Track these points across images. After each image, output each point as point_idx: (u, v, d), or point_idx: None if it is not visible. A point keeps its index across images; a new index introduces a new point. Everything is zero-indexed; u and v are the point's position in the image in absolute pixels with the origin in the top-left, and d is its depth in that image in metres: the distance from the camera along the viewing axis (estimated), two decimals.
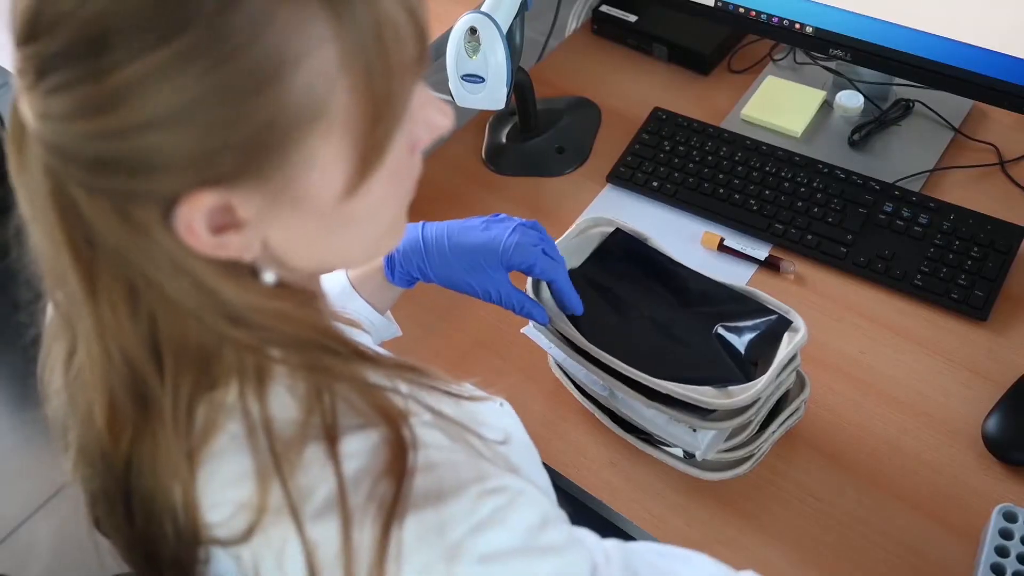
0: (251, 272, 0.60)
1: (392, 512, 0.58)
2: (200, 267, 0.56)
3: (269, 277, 0.61)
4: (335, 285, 0.98)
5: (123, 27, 0.49)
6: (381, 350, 0.81)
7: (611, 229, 1.07)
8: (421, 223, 0.99)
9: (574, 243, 1.08)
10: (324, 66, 0.52)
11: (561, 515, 0.67)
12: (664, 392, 0.92)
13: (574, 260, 1.07)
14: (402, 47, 0.55)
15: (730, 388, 0.92)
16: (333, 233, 0.61)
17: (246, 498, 0.60)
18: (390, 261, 0.97)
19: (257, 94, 0.51)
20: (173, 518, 0.62)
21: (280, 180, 0.55)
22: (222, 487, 0.61)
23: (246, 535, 0.60)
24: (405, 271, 0.98)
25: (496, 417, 0.76)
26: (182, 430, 0.60)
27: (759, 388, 0.90)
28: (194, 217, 0.54)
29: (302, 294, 0.63)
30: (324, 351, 0.62)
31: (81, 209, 0.54)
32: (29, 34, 0.51)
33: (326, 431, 0.60)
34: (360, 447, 0.60)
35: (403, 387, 0.66)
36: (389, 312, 1.03)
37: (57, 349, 0.65)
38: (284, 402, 0.61)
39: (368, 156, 0.57)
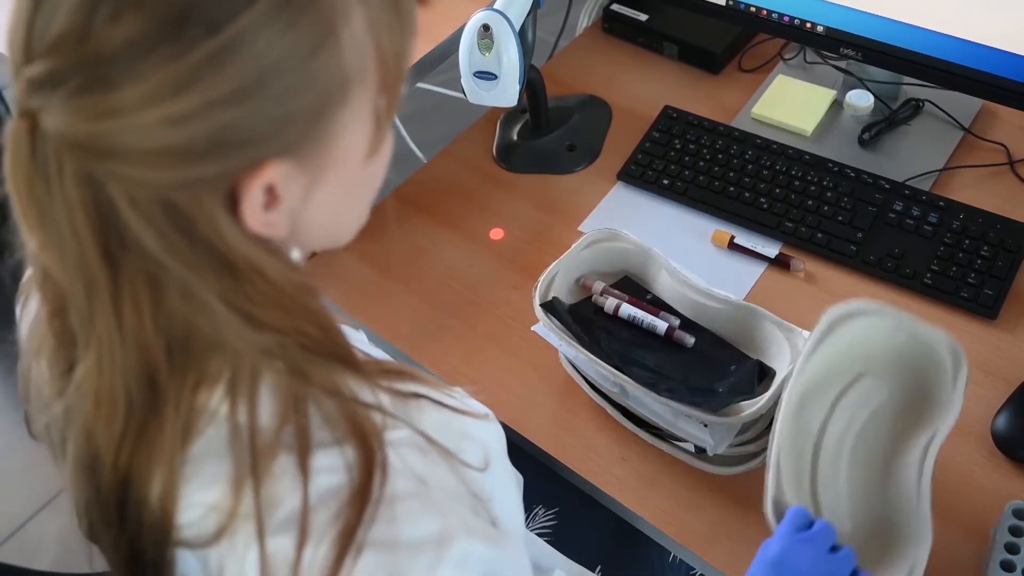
0: (281, 253, 0.61)
1: (349, 541, 0.58)
2: (249, 248, 0.56)
3: (296, 255, 0.62)
4: None
5: (193, 7, 0.49)
6: (373, 350, 0.81)
7: (618, 244, 1.09)
8: None
9: (583, 255, 1.09)
10: (359, 29, 0.55)
11: None
12: (665, 407, 0.96)
13: (585, 271, 1.09)
14: (410, 5, 0.60)
15: (729, 407, 0.95)
16: (349, 201, 0.64)
17: (217, 501, 0.61)
18: None
19: (315, 59, 0.53)
20: (150, 515, 0.62)
21: (325, 147, 0.58)
22: (196, 489, 0.62)
23: (214, 538, 0.61)
24: None
25: (481, 431, 0.75)
26: (179, 429, 0.60)
27: (760, 406, 0.93)
28: (256, 193, 0.55)
29: (312, 279, 0.64)
30: (321, 352, 0.62)
31: (120, 213, 0.53)
32: (80, 35, 0.49)
33: (299, 442, 0.60)
34: (332, 463, 0.60)
35: (385, 399, 0.65)
36: None
37: (48, 365, 0.65)
38: (265, 409, 0.61)
39: (387, 115, 0.61)
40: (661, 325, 1.03)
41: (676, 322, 1.04)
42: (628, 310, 1.05)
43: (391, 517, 0.60)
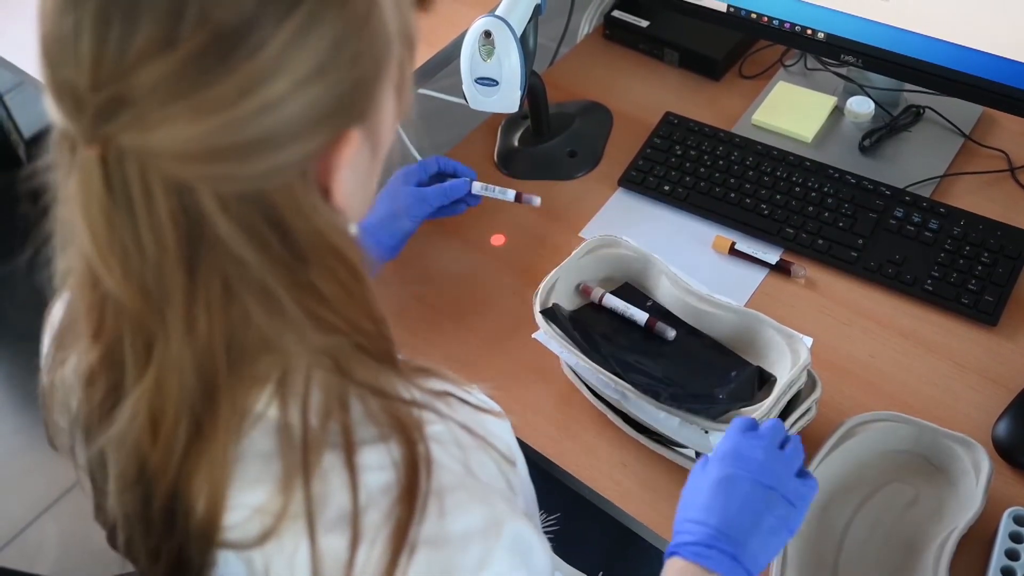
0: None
1: (403, 539, 0.59)
2: (334, 228, 0.58)
3: (355, 230, 0.63)
4: None
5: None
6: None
7: (619, 250, 1.09)
8: None
9: (583, 262, 1.09)
10: None
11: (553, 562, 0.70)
12: (666, 414, 0.96)
13: (585, 278, 1.09)
14: None
15: (730, 413, 0.95)
16: (374, 170, 0.65)
17: (262, 502, 0.61)
18: None
19: (371, 17, 0.56)
20: (197, 522, 0.62)
21: (379, 106, 0.60)
22: (240, 490, 0.62)
23: (260, 539, 0.61)
24: None
25: (500, 428, 0.76)
26: (233, 430, 0.60)
27: (760, 413, 0.93)
28: (342, 166, 0.57)
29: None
30: (373, 351, 0.62)
31: (208, 218, 0.53)
32: (164, 42, 0.49)
33: (345, 440, 0.61)
34: (379, 461, 0.61)
35: (418, 395, 0.66)
36: None
37: (87, 397, 0.63)
38: (311, 407, 0.61)
39: (406, 82, 0.63)
40: (641, 316, 1.04)
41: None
42: (611, 301, 1.06)
43: (440, 511, 0.61)
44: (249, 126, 0.52)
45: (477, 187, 1.23)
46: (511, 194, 1.24)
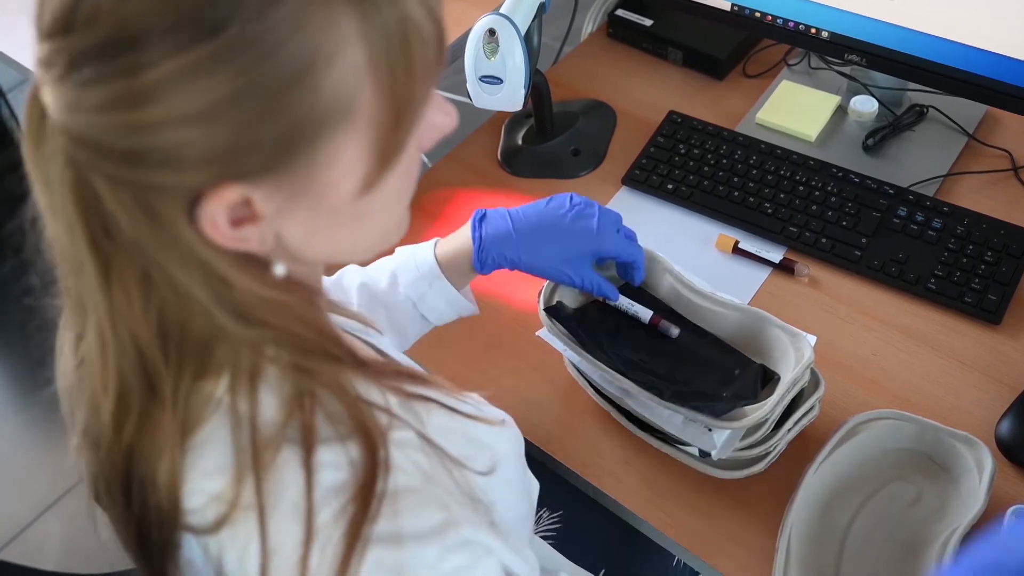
0: (262, 265, 0.61)
1: (355, 538, 0.59)
2: (216, 259, 0.57)
3: (280, 270, 0.62)
4: (421, 265, 1.01)
5: (160, 25, 0.50)
6: (393, 352, 0.81)
7: None
8: (506, 211, 1.02)
9: None
10: (352, 66, 0.54)
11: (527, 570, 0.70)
12: (669, 411, 0.97)
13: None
14: (424, 48, 0.57)
15: (734, 411, 0.95)
16: (345, 228, 0.63)
17: (219, 490, 0.61)
18: (480, 251, 1.00)
19: (286, 94, 0.52)
20: (157, 499, 0.63)
21: (303, 177, 0.57)
22: (200, 476, 0.62)
23: (215, 526, 0.62)
24: (496, 261, 1.00)
25: (493, 436, 0.76)
26: (180, 415, 0.61)
27: (764, 411, 0.93)
28: (217, 211, 0.55)
29: (306, 290, 0.64)
30: (316, 352, 0.62)
31: (102, 200, 0.55)
32: (64, 26, 0.52)
33: (304, 437, 0.61)
34: (336, 460, 0.61)
35: (394, 400, 0.66)
36: (468, 290, 1.05)
37: (67, 334, 0.66)
38: (269, 402, 0.62)
39: (387, 155, 0.59)
40: (645, 314, 1.04)
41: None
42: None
43: (394, 512, 0.60)
44: (119, 136, 0.52)
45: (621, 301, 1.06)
46: (646, 315, 1.06)
